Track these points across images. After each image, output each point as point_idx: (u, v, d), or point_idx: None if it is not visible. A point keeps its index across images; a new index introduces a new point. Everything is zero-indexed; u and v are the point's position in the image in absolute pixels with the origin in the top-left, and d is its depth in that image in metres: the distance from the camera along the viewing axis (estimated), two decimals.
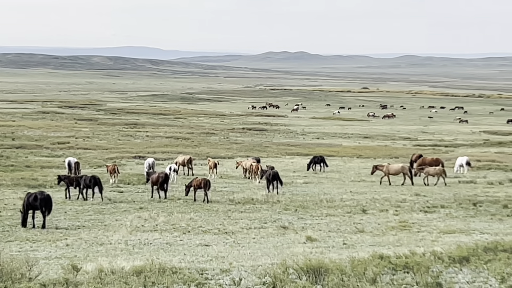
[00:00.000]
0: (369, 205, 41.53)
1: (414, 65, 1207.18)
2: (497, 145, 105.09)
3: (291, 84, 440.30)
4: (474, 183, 55.00)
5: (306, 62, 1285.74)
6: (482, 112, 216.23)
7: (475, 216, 37.44)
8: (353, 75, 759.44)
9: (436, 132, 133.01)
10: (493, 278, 16.36)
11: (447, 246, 22.98)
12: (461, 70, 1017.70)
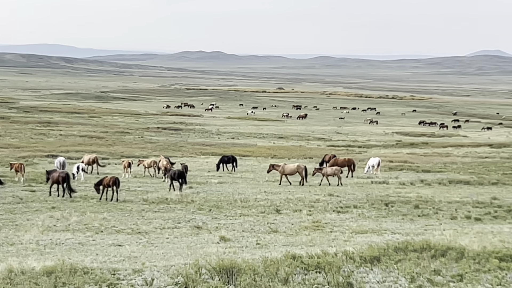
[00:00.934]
0: (283, 205, 41.71)
1: (329, 66, 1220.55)
2: (409, 146, 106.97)
3: (206, 84, 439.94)
4: (387, 183, 55.82)
5: (221, 62, 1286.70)
6: (395, 113, 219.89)
7: (387, 216, 37.97)
8: (268, 75, 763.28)
9: (350, 133, 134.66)
10: (403, 278, 16.58)
11: (359, 246, 23.22)
12: (375, 71, 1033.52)
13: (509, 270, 17.47)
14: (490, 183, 57.02)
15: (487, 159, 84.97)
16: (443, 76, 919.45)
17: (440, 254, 19.39)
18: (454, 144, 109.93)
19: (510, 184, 57.41)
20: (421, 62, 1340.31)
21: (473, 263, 18.40)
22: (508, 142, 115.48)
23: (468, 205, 42.69)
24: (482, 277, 16.72)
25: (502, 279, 16.46)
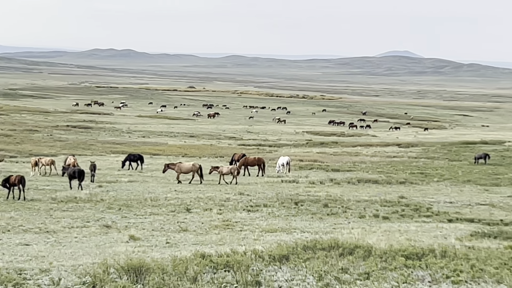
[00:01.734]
0: (193, 204, 41.61)
1: (240, 65, 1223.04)
2: (319, 145, 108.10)
3: (117, 82, 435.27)
4: (297, 182, 56.24)
5: (132, 60, 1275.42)
6: (305, 112, 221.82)
7: (296, 215, 38.23)
8: (179, 74, 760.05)
9: (261, 132, 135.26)
10: (311, 276, 16.71)
11: (269, 244, 23.31)
12: (285, 71, 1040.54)
13: (415, 268, 17.79)
14: (398, 182, 58.04)
15: (395, 158, 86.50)
16: (353, 76, 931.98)
17: (348, 253, 19.63)
18: (363, 144, 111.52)
19: (417, 183, 58.58)
20: (331, 62, 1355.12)
21: (380, 261, 18.68)
22: (415, 142, 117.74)
23: (376, 204, 43.35)
24: (388, 275, 16.98)
25: (408, 276, 16.76)
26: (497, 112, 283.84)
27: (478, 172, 69.84)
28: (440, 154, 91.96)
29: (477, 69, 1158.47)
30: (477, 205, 45.70)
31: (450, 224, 34.74)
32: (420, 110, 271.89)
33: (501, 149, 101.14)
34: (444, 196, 49.90)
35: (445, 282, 16.11)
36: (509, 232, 29.87)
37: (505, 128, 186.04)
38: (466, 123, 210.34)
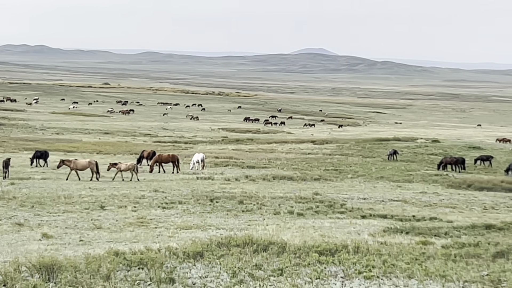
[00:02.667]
0: (107, 201, 41.15)
1: (156, 61, 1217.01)
2: (235, 142, 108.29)
3: (30, 78, 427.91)
4: (212, 179, 56.19)
5: (46, 56, 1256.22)
6: (221, 109, 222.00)
7: (211, 212, 38.18)
8: (94, 70, 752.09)
9: (176, 129, 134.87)
10: (225, 273, 16.72)
11: (183, 241, 23.24)
12: (201, 68, 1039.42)
13: (328, 264, 17.97)
14: (312, 179, 58.51)
15: (310, 155, 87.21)
16: (268, 73, 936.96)
17: (262, 249, 19.70)
18: (279, 141, 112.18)
19: (331, 179, 59.18)
20: (246, 59, 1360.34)
21: (294, 257, 18.80)
22: (330, 138, 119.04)
23: (291, 201, 43.61)
24: (302, 271, 17.10)
25: (321, 272, 16.91)
26: (409, 109, 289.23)
27: (391, 168, 70.98)
28: (354, 151, 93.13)
29: (391, 66, 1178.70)
30: (390, 201, 46.44)
31: (363, 220, 35.19)
32: (334, 107, 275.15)
33: (414, 146, 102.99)
34: (358, 192, 50.55)
35: (357, 278, 16.32)
36: (421, 228, 30.42)
37: (418, 125, 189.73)
38: (379, 120, 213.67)
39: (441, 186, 58.23)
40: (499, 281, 16.19)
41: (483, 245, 22.08)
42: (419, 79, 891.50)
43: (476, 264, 18.69)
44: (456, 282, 15.86)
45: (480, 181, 60.79)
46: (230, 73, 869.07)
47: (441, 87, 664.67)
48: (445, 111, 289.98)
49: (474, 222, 33.88)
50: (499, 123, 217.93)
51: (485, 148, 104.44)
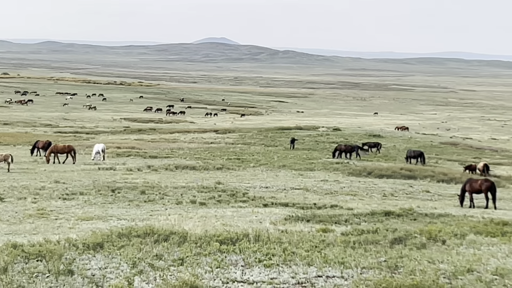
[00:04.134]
0: (7, 193, 40.23)
1: (56, 51, 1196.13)
2: (137, 132, 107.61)
3: None
4: (114, 169, 55.67)
5: None
6: (123, 99, 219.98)
7: (113, 202, 37.80)
8: None
9: (78, 119, 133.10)
10: (125, 264, 16.60)
11: (84, 233, 22.94)
12: (103, 57, 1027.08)
13: (229, 253, 18.02)
14: (215, 168, 58.61)
15: (212, 144, 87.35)
16: (171, 62, 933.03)
17: (163, 239, 19.61)
18: (181, 130, 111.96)
19: (234, 169, 59.39)
20: (149, 48, 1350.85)
21: (195, 246, 18.78)
22: (233, 128, 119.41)
23: (193, 190, 43.56)
24: (202, 260, 17.11)
25: (222, 261, 16.95)
26: (311, 98, 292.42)
27: (293, 157, 71.69)
28: (257, 140, 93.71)
29: (292, 56, 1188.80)
30: (292, 189, 46.87)
31: (265, 209, 35.40)
32: (237, 96, 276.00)
33: (315, 134, 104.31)
34: (260, 181, 50.85)
35: (257, 266, 16.42)
36: (322, 216, 30.79)
37: (319, 113, 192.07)
38: (282, 109, 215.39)
39: (342, 174, 59.13)
40: (396, 266, 16.53)
41: (382, 231, 22.48)
42: (320, 68, 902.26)
43: (375, 250, 19.03)
44: (354, 269, 16.12)
45: (380, 168, 61.98)
46: (132, 63, 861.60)
47: (342, 76, 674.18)
48: (346, 99, 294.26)
49: (373, 209, 34.49)
50: (399, 111, 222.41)
51: (385, 136, 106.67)
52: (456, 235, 22.28)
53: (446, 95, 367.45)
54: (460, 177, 58.42)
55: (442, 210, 36.62)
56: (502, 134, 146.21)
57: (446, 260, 17.44)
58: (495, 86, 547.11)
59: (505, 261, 17.36)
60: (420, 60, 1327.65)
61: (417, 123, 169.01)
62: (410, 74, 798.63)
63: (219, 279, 15.15)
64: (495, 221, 27.23)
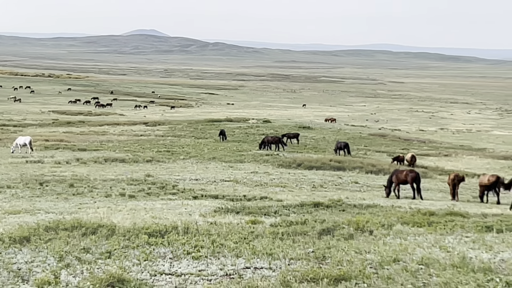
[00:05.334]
0: None
1: None
2: (66, 124, 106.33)
3: None
4: (42, 162, 54.94)
5: None
6: (51, 92, 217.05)
7: (41, 195, 37.30)
8: None
9: (5, 112, 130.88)
10: (52, 257, 16.42)
11: (10, 226, 22.59)
12: (30, 49, 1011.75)
13: (157, 245, 17.98)
14: (144, 161, 58.32)
15: (142, 137, 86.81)
16: (100, 54, 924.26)
17: (91, 232, 19.47)
18: (111, 123, 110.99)
19: (164, 161, 59.17)
20: (77, 40, 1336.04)
21: (123, 239, 18.69)
22: (163, 120, 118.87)
23: (123, 183, 43.28)
24: (130, 253, 17.03)
25: (150, 254, 16.90)
26: (241, 90, 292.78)
27: (223, 149, 71.74)
28: (187, 132, 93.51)
29: (222, 48, 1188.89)
30: (222, 181, 46.94)
31: (195, 201, 35.35)
32: (167, 88, 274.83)
33: (246, 126, 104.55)
34: (190, 173, 50.80)
35: (186, 258, 16.40)
36: (251, 207, 30.86)
37: (249, 105, 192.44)
38: (212, 101, 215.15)
39: (272, 165, 59.42)
40: (324, 257, 16.68)
41: (310, 222, 22.66)
42: (250, 60, 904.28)
43: (303, 241, 19.18)
44: (282, 260, 16.22)
45: (310, 160, 62.45)
46: (61, 55, 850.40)
47: (272, 68, 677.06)
48: (276, 91, 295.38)
49: (303, 200, 34.70)
50: (328, 103, 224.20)
51: (315, 127, 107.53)
52: (383, 225, 22.59)
53: (375, 87, 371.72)
54: (389, 168, 59.21)
55: (370, 201, 37.05)
56: (430, 125, 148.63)
57: (373, 250, 17.67)
58: (423, 78, 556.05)
59: (431, 251, 17.67)
60: (349, 52, 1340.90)
61: (347, 114, 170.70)
62: (339, 66, 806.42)
63: (147, 272, 15.10)
64: (422, 212, 27.68)
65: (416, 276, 14.58)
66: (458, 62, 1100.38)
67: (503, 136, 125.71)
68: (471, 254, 17.14)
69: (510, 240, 19.72)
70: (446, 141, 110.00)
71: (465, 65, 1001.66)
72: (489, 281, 13.95)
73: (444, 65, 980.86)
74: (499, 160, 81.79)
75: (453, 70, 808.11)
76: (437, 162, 74.62)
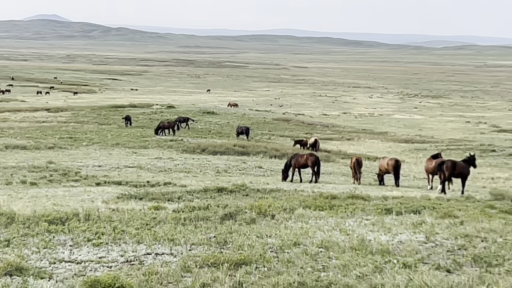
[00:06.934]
0: None
1: None
2: None
3: None
4: None
5: None
6: None
7: None
8: None
9: None
10: None
11: None
12: None
13: (57, 233, 17.79)
14: (46, 147, 57.38)
15: (44, 123, 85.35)
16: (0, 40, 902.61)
17: None
18: (12, 109, 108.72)
19: (66, 148, 58.38)
20: None
21: (22, 227, 18.43)
22: (65, 106, 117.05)
23: (24, 170, 42.52)
24: (30, 241, 16.80)
25: (49, 242, 16.70)
26: (145, 75, 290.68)
27: (127, 135, 71.20)
28: (90, 118, 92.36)
29: (126, 33, 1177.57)
30: (125, 167, 46.63)
31: (98, 188, 35.07)
32: (70, 74, 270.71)
33: (149, 112, 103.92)
34: (93, 160, 50.29)
35: (86, 245, 16.27)
36: (155, 193, 30.79)
37: (154, 91, 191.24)
38: (115, 87, 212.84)
39: (176, 151, 59.32)
40: (225, 242, 16.78)
41: (213, 208, 22.74)
42: (154, 46, 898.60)
43: (205, 226, 19.25)
44: (184, 245, 16.23)
45: (214, 145, 62.54)
46: None
47: (176, 53, 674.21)
48: (181, 77, 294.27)
49: (207, 185, 34.77)
50: (232, 88, 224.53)
51: (219, 113, 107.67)
52: (285, 209, 22.84)
53: (278, 72, 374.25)
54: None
55: (274, 185, 37.41)
56: (333, 109, 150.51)
57: (274, 234, 17.86)
58: (326, 62, 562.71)
59: (331, 234, 17.96)
60: (253, 37, 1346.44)
61: (251, 99, 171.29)
62: (243, 51, 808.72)
63: (46, 260, 14.90)
64: (324, 195, 28.07)
65: (316, 259, 14.80)
66: (360, 47, 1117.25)
67: (404, 120, 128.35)
68: (370, 237, 17.51)
69: (408, 222, 20.22)
70: (349, 125, 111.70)
71: (367, 49, 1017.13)
72: (387, 262, 14.27)
73: (347, 50, 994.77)
74: (400, 143, 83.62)
75: (355, 54, 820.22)
76: (340, 146, 75.77)
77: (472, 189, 39.19)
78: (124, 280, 12.27)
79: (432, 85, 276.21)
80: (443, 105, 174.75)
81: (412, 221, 20.50)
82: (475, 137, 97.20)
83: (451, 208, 23.78)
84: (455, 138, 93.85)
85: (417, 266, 13.99)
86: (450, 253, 15.61)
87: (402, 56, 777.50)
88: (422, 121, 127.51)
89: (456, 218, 20.81)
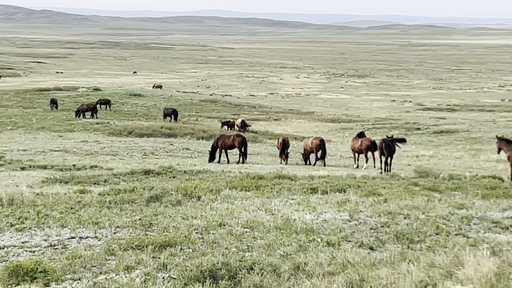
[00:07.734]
0: None
1: None
2: None
3: None
4: None
5: None
6: None
7: None
8: None
9: None
10: None
11: None
12: None
13: None
14: None
15: None
16: None
17: None
18: None
19: None
20: None
21: None
22: None
23: None
24: None
25: None
26: (71, 58, 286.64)
27: (52, 118, 70.37)
28: (14, 102, 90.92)
29: (50, 15, 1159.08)
30: (51, 151, 46.16)
31: (23, 172, 34.65)
32: None
33: (75, 95, 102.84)
34: (17, 144, 49.65)
35: (9, 230, 16.06)
36: (81, 177, 30.56)
37: (79, 74, 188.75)
38: (40, 70, 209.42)
39: (102, 134, 58.93)
40: (151, 224, 16.77)
41: (139, 190, 22.70)
42: (79, 28, 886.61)
43: (130, 209, 19.21)
44: (108, 229, 16.16)
45: (141, 127, 62.33)
46: None
47: (101, 35, 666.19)
48: (107, 59, 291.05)
49: (133, 168, 34.66)
50: (159, 70, 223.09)
51: (146, 95, 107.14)
52: (211, 190, 22.93)
53: (205, 53, 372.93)
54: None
55: (201, 167, 37.43)
56: (260, 90, 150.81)
57: (200, 215, 17.90)
58: (253, 43, 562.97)
59: (256, 214, 18.08)
60: (179, 18, 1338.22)
61: (178, 81, 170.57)
62: (169, 32, 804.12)
63: None
64: (251, 176, 28.23)
65: (241, 239, 14.90)
66: (286, 27, 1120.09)
67: (331, 100, 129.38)
68: (295, 216, 17.68)
69: (333, 201, 20.49)
70: (276, 105, 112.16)
71: (293, 30, 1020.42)
72: (311, 241, 14.43)
73: (273, 30, 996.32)
74: (327, 123, 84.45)
75: (282, 35, 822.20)
76: (267, 127, 76.18)
77: (398, 167, 39.85)
78: (47, 265, 12.17)
79: (358, 65, 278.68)
80: (369, 84, 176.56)
81: (337, 199, 20.78)
82: (400, 115, 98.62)
83: (375, 186, 24.20)
84: (381, 117, 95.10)
85: (340, 244, 14.17)
86: (373, 231, 15.88)
87: (328, 36, 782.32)
88: (348, 100, 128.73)
89: (380, 196, 21.17)
